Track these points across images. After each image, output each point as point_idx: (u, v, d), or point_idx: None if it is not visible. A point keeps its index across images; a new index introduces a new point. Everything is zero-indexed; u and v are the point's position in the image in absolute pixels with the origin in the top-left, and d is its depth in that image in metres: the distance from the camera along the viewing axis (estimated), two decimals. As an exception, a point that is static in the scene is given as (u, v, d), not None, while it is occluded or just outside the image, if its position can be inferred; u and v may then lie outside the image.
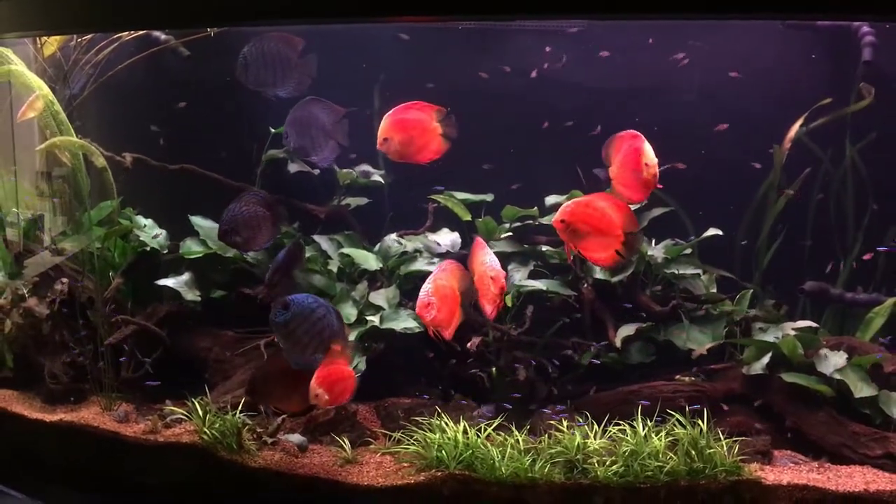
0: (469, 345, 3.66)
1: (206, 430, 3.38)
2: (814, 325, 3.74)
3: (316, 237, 4.09)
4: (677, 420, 3.24)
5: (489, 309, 3.26)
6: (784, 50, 3.95)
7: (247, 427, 3.44)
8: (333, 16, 3.04)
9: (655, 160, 3.20)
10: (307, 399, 3.20)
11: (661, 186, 3.26)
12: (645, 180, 3.19)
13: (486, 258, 3.34)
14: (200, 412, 3.46)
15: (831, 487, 3.08)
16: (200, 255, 3.94)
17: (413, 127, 3.47)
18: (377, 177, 4.19)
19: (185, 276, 3.94)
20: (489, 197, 4.04)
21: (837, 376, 3.42)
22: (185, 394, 3.62)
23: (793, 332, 3.60)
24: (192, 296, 3.89)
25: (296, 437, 3.47)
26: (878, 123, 3.92)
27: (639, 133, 3.22)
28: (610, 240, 3.22)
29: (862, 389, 3.39)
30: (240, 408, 3.46)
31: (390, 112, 3.47)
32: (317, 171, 4.15)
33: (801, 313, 3.97)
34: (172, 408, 3.63)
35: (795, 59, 3.97)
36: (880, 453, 3.27)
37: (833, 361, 3.47)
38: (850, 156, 3.99)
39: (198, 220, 4.05)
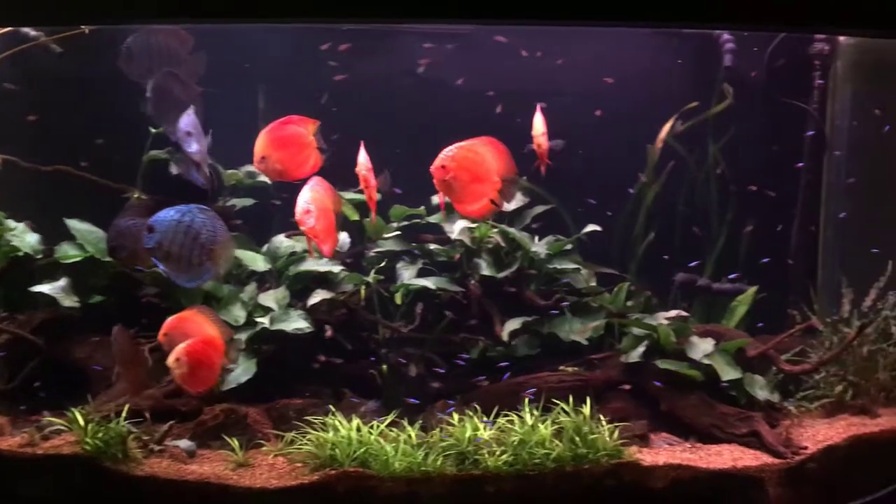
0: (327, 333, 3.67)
1: (88, 440, 3.27)
2: (684, 314, 3.98)
3: (201, 239, 4.01)
4: (562, 409, 3.38)
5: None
6: (655, 56, 4.19)
7: (132, 435, 3.34)
8: (209, 16, 2.98)
9: (542, 129, 3.32)
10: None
11: (549, 162, 3.37)
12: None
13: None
14: (82, 422, 3.34)
15: (703, 465, 3.29)
16: (78, 259, 3.79)
17: (290, 143, 3.41)
18: (263, 177, 4.14)
19: (62, 282, 3.77)
20: (377, 196, 4.08)
21: (706, 361, 3.65)
22: (64, 404, 3.49)
23: (665, 322, 3.81)
24: (69, 302, 3.74)
25: (184, 443, 3.40)
26: (738, 123, 4.22)
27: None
28: (486, 187, 3.18)
29: (728, 373, 3.64)
30: (123, 415, 3.37)
31: (267, 129, 3.40)
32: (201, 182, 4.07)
33: (672, 303, 4.22)
34: (51, 419, 3.49)
35: (665, 64, 4.21)
36: (746, 431, 3.51)
37: (702, 348, 3.70)
38: (713, 153, 4.27)
39: (74, 224, 3.88)
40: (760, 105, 4.29)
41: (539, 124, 3.53)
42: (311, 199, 3.31)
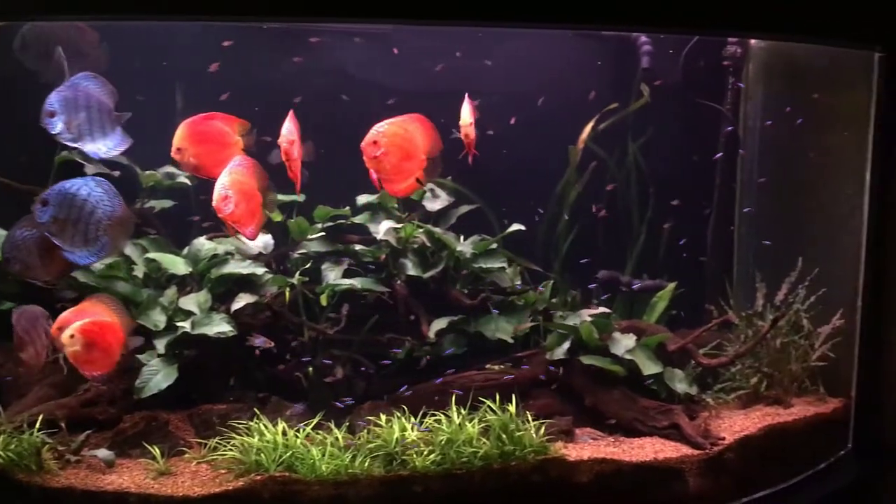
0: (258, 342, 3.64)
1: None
2: (607, 310, 4.06)
3: (118, 242, 3.89)
4: (489, 407, 3.41)
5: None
6: (575, 57, 4.26)
7: (47, 446, 3.22)
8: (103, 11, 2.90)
9: (470, 120, 3.34)
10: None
11: (476, 153, 3.38)
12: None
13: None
14: (-8, 434, 3.21)
15: (626, 459, 3.36)
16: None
17: (211, 139, 3.33)
18: (183, 178, 4.05)
19: (-31, 289, 3.62)
20: (300, 197, 4.04)
21: (628, 357, 3.73)
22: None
23: (589, 318, 3.88)
24: (-23, 309, 3.58)
25: (102, 453, 3.30)
26: (656, 124, 4.34)
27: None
28: (414, 165, 3.18)
29: (650, 367, 3.72)
30: (37, 425, 3.24)
31: (188, 120, 3.31)
32: (116, 173, 3.95)
33: (595, 300, 4.30)
34: (-43, 432, 3.34)
35: (585, 65, 4.29)
36: (666, 424, 3.59)
37: (624, 343, 3.78)
38: (632, 153, 4.37)
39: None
40: (677, 106, 4.42)
41: (466, 114, 3.52)
42: (228, 183, 3.23)
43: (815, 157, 4.18)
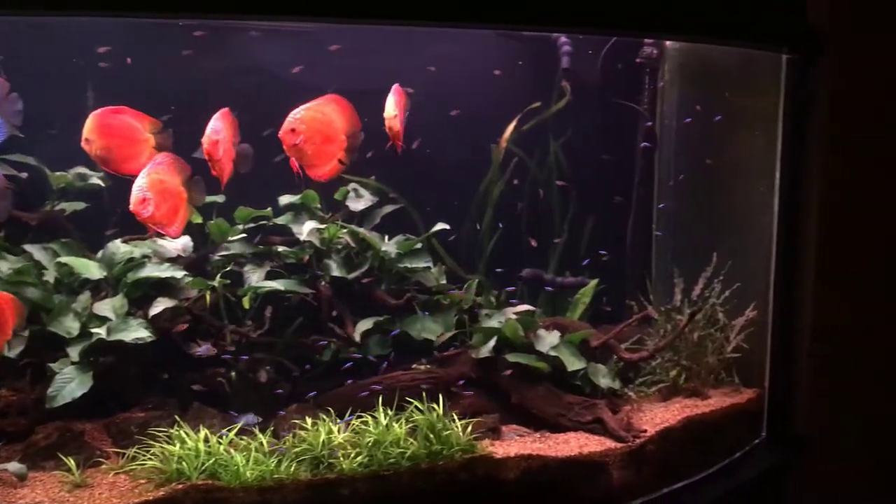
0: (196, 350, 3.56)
1: None
2: (531, 308, 4.11)
3: (27, 246, 3.72)
4: (416, 407, 3.40)
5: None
6: (498, 57, 4.30)
7: (-48, 461, 3.08)
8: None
9: (394, 112, 3.32)
10: None
11: (402, 144, 3.36)
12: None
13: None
14: None
15: (552, 454, 3.40)
16: None
17: (119, 134, 3.29)
18: (96, 179, 3.91)
19: None
20: (220, 198, 3.95)
21: (553, 353, 3.78)
22: None
23: (514, 316, 3.92)
24: None
25: (13, 466, 3.16)
26: (576, 124, 4.41)
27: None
28: (335, 147, 3.15)
29: (573, 363, 3.78)
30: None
31: (98, 112, 3.27)
32: (24, 175, 3.79)
33: (519, 298, 4.34)
34: None
35: (508, 65, 4.33)
36: (590, 419, 3.65)
37: (548, 340, 3.83)
38: (553, 152, 4.43)
39: None
40: (597, 106, 4.50)
41: (391, 106, 3.49)
42: (146, 185, 3.19)
43: (728, 156, 4.32)
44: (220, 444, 3.18)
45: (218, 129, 3.38)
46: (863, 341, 4.08)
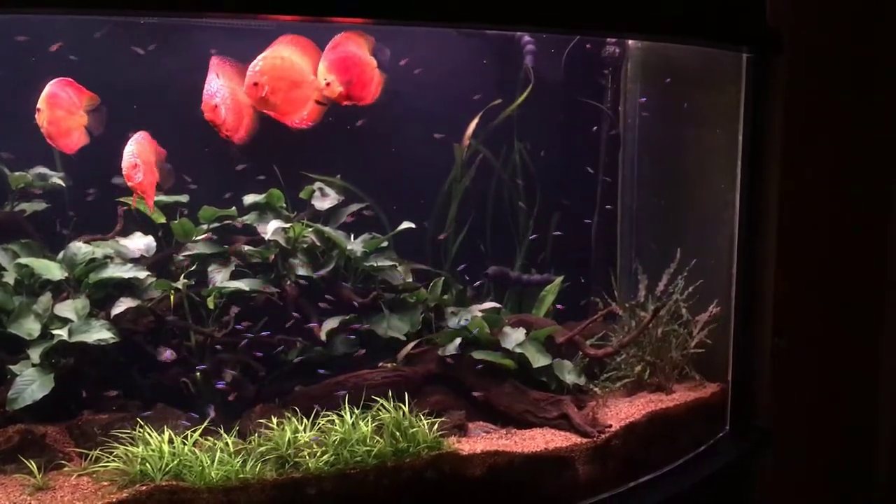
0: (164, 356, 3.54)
1: None
2: (497, 305, 4.13)
3: (-14, 248, 3.67)
4: (382, 405, 3.40)
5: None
6: (461, 55, 4.31)
7: None
8: None
9: (331, 77, 3.18)
10: None
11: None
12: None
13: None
14: None
15: (518, 450, 3.42)
16: None
17: (61, 105, 3.35)
18: (56, 179, 3.86)
19: None
20: (184, 198, 3.92)
21: (518, 350, 3.80)
22: None
23: (480, 314, 3.93)
24: None
25: (-27, 471, 3.12)
26: (540, 122, 4.44)
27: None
28: (307, 90, 3.02)
29: (539, 360, 3.80)
30: None
31: (52, 82, 3.35)
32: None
33: (485, 295, 4.36)
34: None
35: (471, 63, 4.34)
36: (556, 415, 3.68)
37: (514, 337, 3.84)
38: (518, 150, 4.45)
39: None
40: (560, 105, 4.53)
41: (322, 72, 3.23)
42: (136, 151, 3.29)
43: (691, 154, 4.37)
44: (184, 444, 3.15)
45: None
46: (824, 335, 4.16)
